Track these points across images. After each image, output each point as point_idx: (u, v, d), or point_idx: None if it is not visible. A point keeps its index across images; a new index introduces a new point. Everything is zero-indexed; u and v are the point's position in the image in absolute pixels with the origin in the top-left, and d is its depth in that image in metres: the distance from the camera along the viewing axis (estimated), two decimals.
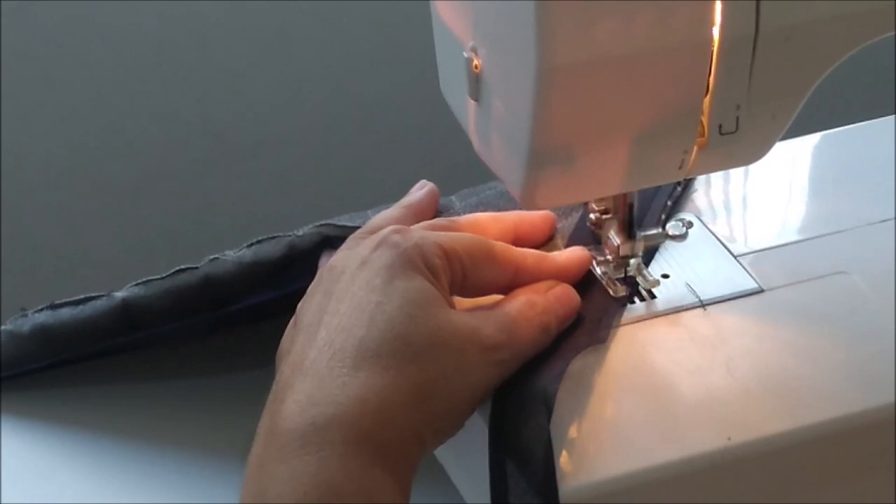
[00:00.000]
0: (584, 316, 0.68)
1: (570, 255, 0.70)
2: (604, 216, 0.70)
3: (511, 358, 0.64)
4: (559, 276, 0.68)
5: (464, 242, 0.66)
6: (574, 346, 0.66)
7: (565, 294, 0.67)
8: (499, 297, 0.68)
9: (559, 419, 0.63)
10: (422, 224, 0.70)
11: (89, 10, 1.30)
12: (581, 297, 0.68)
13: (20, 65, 1.31)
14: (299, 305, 0.66)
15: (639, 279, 0.71)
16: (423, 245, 0.64)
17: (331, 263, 0.67)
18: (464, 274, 0.66)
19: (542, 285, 0.67)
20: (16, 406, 0.76)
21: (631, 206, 0.70)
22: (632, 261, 0.71)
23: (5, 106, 1.31)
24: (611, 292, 0.70)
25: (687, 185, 0.77)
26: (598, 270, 0.71)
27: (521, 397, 0.63)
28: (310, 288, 0.67)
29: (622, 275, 0.71)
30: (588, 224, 0.71)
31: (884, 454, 0.65)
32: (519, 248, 0.69)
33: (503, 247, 0.68)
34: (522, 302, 0.65)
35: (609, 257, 0.70)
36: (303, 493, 0.57)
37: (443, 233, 0.67)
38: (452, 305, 0.65)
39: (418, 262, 0.64)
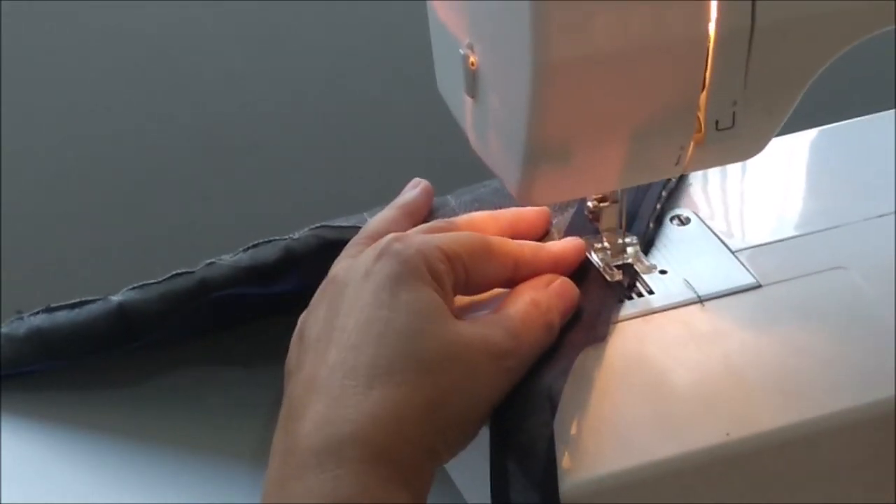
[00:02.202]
0: (582, 310, 0.68)
1: (565, 243, 0.70)
2: (601, 204, 0.70)
3: (520, 363, 0.64)
4: (557, 265, 0.69)
5: (463, 242, 0.66)
6: (575, 344, 0.66)
7: (565, 288, 0.67)
8: (498, 291, 0.68)
9: (559, 416, 0.63)
10: (420, 227, 0.70)
11: (87, 11, 1.30)
12: (579, 289, 0.68)
13: (18, 66, 1.31)
14: (303, 318, 0.66)
15: (637, 266, 0.71)
16: (426, 252, 0.64)
17: (332, 275, 0.67)
18: (466, 274, 0.66)
19: (541, 280, 0.67)
20: (15, 406, 0.76)
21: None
22: (629, 249, 0.71)
23: (3, 109, 1.31)
24: (607, 277, 0.70)
25: (681, 177, 0.77)
26: (595, 257, 0.71)
27: (523, 394, 0.63)
28: (313, 299, 0.67)
29: (619, 262, 0.71)
30: (585, 213, 0.71)
31: (882, 449, 0.65)
32: (515, 241, 0.69)
33: (501, 241, 0.68)
34: (526, 303, 0.65)
35: (607, 244, 0.71)
36: None
37: (442, 235, 0.67)
38: (453, 310, 0.65)
39: (422, 270, 0.64)
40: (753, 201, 0.77)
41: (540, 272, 0.68)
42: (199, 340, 0.79)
